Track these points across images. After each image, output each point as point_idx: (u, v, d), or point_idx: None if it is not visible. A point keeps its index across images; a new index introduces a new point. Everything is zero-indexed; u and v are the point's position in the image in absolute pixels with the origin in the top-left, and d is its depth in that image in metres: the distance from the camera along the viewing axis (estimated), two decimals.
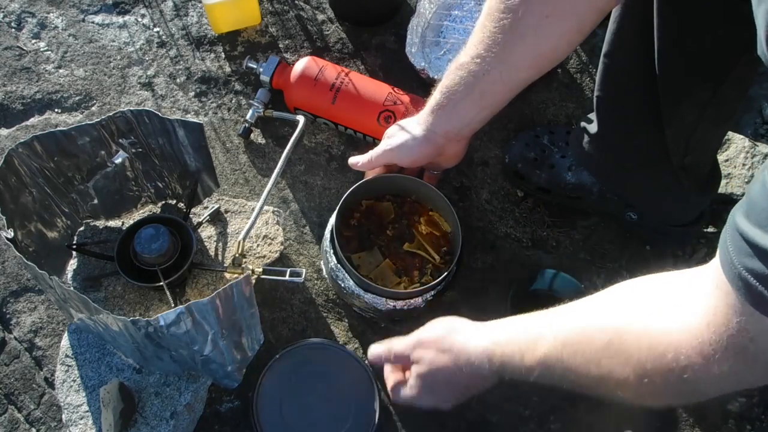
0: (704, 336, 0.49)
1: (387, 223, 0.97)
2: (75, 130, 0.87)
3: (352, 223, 0.96)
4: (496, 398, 0.95)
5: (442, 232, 0.96)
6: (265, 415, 0.88)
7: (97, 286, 0.94)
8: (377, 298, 0.88)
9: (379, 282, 0.91)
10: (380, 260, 0.93)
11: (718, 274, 0.48)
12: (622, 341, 0.57)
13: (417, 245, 0.95)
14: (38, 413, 0.92)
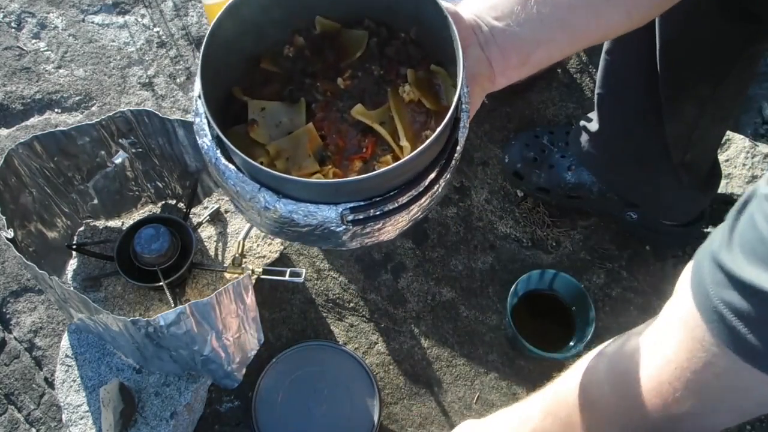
0: (663, 375, 0.47)
1: (345, 66, 0.59)
2: (75, 130, 0.87)
3: (285, 53, 0.59)
4: (496, 400, 0.95)
5: (437, 106, 0.56)
6: (265, 415, 0.88)
7: (97, 286, 0.94)
8: (258, 194, 0.50)
9: (281, 162, 0.55)
10: (300, 122, 0.56)
11: (686, 308, 0.45)
12: (593, 403, 0.56)
13: (380, 116, 0.56)
14: (38, 413, 0.92)
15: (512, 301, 0.93)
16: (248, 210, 0.54)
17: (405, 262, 1.03)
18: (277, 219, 0.51)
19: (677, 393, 0.45)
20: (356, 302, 1.00)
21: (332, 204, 0.49)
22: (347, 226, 0.50)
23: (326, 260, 1.03)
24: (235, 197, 0.53)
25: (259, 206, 0.50)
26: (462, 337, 0.99)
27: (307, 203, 0.49)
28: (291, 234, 0.53)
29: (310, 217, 0.50)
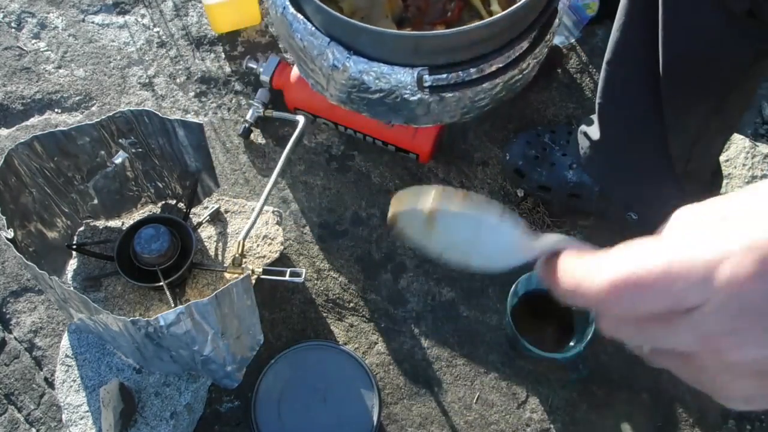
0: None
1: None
2: (75, 130, 0.87)
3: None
4: (496, 400, 0.95)
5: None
6: (264, 415, 0.88)
7: (97, 286, 0.94)
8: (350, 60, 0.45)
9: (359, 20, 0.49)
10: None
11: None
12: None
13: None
14: (38, 413, 0.92)
15: (512, 301, 0.93)
16: (314, 72, 0.50)
17: (405, 262, 1.03)
18: (346, 81, 0.46)
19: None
20: (356, 302, 1.00)
21: (409, 66, 0.44)
22: (423, 94, 0.45)
23: (326, 260, 1.03)
24: (301, 55, 0.48)
25: (327, 64, 0.46)
26: (462, 337, 0.99)
27: (381, 63, 0.44)
28: (359, 102, 0.49)
29: (383, 80, 0.45)
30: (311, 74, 0.51)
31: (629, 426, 0.95)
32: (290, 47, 0.50)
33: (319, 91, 0.53)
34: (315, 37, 0.45)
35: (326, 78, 0.48)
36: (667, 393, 0.97)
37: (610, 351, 0.99)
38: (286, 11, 0.46)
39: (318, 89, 0.53)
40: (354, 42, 0.44)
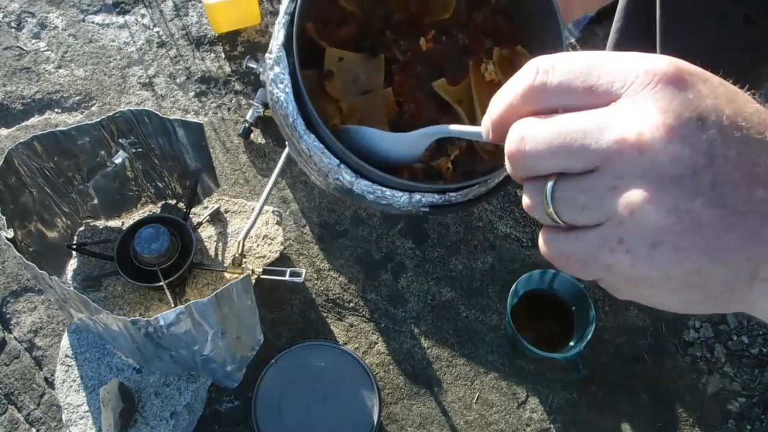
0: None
1: (429, 26, 0.55)
2: (75, 130, 0.87)
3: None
4: (496, 400, 0.95)
5: None
6: (264, 415, 0.88)
7: (97, 286, 0.94)
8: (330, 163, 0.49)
9: (353, 122, 0.53)
10: (378, 82, 0.53)
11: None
12: None
13: (460, 93, 0.52)
14: (38, 413, 0.92)
15: (512, 301, 0.93)
16: (313, 171, 0.53)
17: (405, 262, 1.03)
18: (346, 189, 0.52)
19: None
20: (356, 302, 1.00)
21: (407, 192, 0.50)
22: (414, 211, 0.51)
23: (326, 260, 1.03)
24: (304, 157, 0.51)
25: (333, 177, 0.51)
26: (462, 337, 0.99)
27: (384, 187, 0.50)
28: (351, 198, 0.54)
29: (381, 198, 0.51)
30: (309, 169, 0.54)
31: (629, 426, 0.95)
32: (293, 147, 0.53)
33: (310, 178, 0.57)
34: (325, 155, 0.49)
35: (325, 180, 0.53)
36: (667, 393, 0.97)
37: (610, 351, 0.99)
38: (296, 123, 0.49)
39: (311, 178, 0.57)
40: (361, 170, 0.49)
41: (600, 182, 0.26)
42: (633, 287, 0.28)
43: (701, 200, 0.25)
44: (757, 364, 0.99)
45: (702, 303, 0.28)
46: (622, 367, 0.98)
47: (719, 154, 0.24)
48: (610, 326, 1.01)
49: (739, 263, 0.26)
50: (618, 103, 0.26)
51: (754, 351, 1.00)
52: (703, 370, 0.99)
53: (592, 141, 0.26)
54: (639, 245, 0.26)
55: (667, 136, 0.24)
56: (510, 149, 0.28)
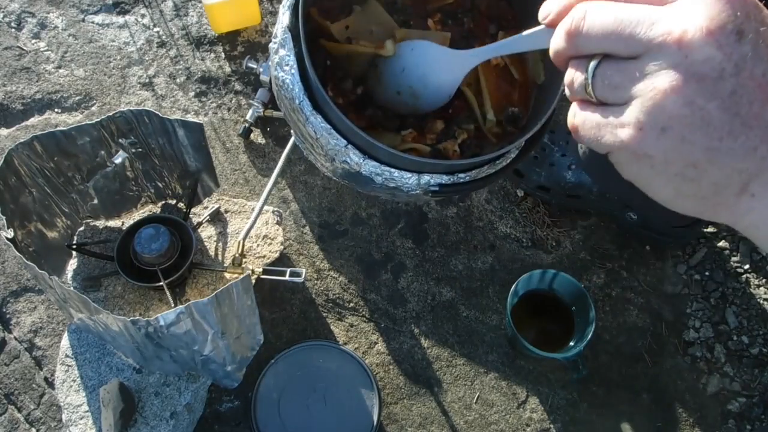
0: None
1: (435, 10, 0.57)
2: (75, 130, 0.87)
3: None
4: (496, 400, 0.95)
5: (522, 77, 0.55)
6: (264, 415, 0.88)
7: (97, 286, 0.94)
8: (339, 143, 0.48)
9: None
10: (393, 25, 0.55)
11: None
12: None
13: (468, 76, 0.51)
14: (38, 413, 0.92)
15: (512, 301, 0.93)
16: (320, 156, 0.52)
17: (405, 262, 1.03)
18: (353, 173, 0.51)
19: None
20: (356, 302, 1.00)
21: (416, 173, 0.49)
22: (422, 193, 0.50)
23: (326, 260, 1.03)
24: (310, 141, 0.51)
25: (340, 159, 0.50)
26: (462, 337, 0.99)
27: (392, 168, 0.49)
28: (358, 184, 0.53)
29: (389, 180, 0.50)
30: (315, 156, 0.54)
31: (629, 426, 0.95)
32: (299, 131, 0.52)
33: (316, 165, 0.56)
34: (332, 136, 0.48)
35: (331, 164, 0.51)
36: (667, 393, 0.97)
37: (610, 351, 0.99)
38: (303, 105, 0.48)
39: (317, 165, 0.56)
40: (372, 151, 0.49)
41: (637, 66, 0.29)
42: (635, 164, 0.31)
43: (717, 102, 0.27)
44: (757, 364, 0.99)
45: (692, 199, 0.31)
46: (622, 367, 0.98)
47: (747, 68, 0.27)
48: (610, 326, 1.01)
49: (732, 170, 0.28)
50: (676, 3, 0.28)
51: (754, 351, 1.00)
52: (703, 370, 0.99)
53: (642, 31, 0.28)
54: (651, 126, 0.29)
55: (706, 39, 0.27)
56: (569, 26, 0.31)
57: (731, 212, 0.30)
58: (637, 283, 1.04)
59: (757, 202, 0.29)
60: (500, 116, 0.55)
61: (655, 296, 1.03)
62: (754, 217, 0.30)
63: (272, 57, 0.51)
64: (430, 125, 0.55)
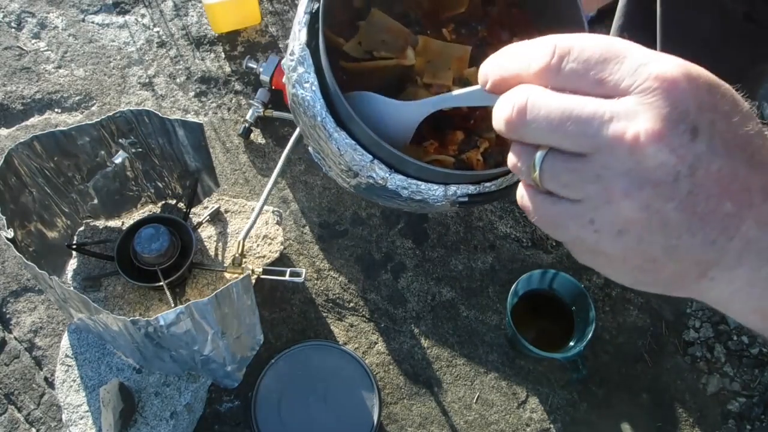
0: None
1: (448, 20, 0.58)
2: (75, 130, 0.87)
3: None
4: (496, 400, 0.95)
5: None
6: (264, 415, 0.88)
7: (97, 286, 0.94)
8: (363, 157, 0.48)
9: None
10: (404, 37, 0.54)
11: None
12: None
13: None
14: (38, 413, 0.92)
15: (512, 301, 0.93)
16: (342, 172, 0.52)
17: (405, 262, 1.03)
18: (379, 188, 0.50)
19: None
20: (356, 302, 1.00)
21: (442, 184, 0.49)
22: (449, 204, 0.50)
23: (326, 260, 1.03)
24: (332, 158, 0.51)
25: (365, 174, 0.49)
26: (462, 337, 0.99)
27: (419, 181, 0.49)
28: (382, 198, 0.53)
29: (416, 194, 0.49)
30: (337, 171, 0.53)
31: (629, 426, 0.95)
32: (319, 147, 0.52)
33: (334, 179, 0.55)
34: (357, 152, 0.48)
35: (354, 179, 0.51)
36: (667, 393, 0.97)
37: (610, 351, 0.99)
38: (325, 122, 0.48)
39: (337, 180, 0.55)
40: (399, 165, 0.48)
41: (587, 167, 0.28)
42: (592, 258, 0.30)
43: (674, 204, 0.27)
44: (757, 364, 0.99)
45: (651, 285, 0.30)
46: (622, 367, 0.98)
47: (702, 167, 0.26)
48: (610, 326, 1.01)
49: (692, 263, 0.28)
50: (624, 99, 0.27)
51: (754, 351, 1.00)
52: (703, 370, 0.99)
53: (591, 130, 0.27)
54: (607, 229, 0.28)
55: (658, 145, 0.26)
56: (509, 114, 0.29)
57: (691, 293, 0.30)
58: None
59: (716, 285, 0.29)
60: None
61: (655, 296, 1.03)
62: (714, 296, 0.30)
63: (289, 75, 0.50)
64: (450, 136, 0.55)
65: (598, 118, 0.27)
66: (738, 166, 0.26)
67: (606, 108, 0.27)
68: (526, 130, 0.29)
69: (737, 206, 0.27)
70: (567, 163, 0.28)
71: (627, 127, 0.26)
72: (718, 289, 0.29)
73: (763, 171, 0.27)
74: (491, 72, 0.32)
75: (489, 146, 0.55)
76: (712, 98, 0.27)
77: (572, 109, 0.27)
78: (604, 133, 0.27)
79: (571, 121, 0.27)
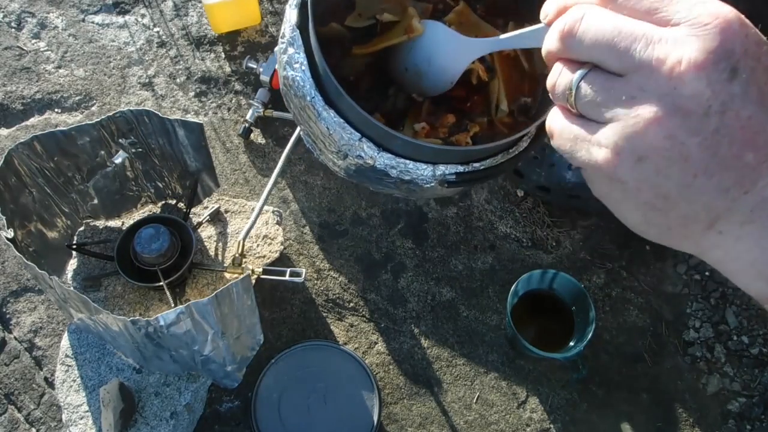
0: None
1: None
2: (75, 130, 0.87)
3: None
4: (496, 400, 0.95)
5: (530, 67, 0.55)
6: (264, 415, 0.88)
7: (97, 286, 0.94)
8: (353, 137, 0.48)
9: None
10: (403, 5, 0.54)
11: None
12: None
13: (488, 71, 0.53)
14: (38, 413, 0.92)
15: (512, 301, 0.93)
16: (331, 154, 0.52)
17: (405, 262, 1.03)
18: (367, 168, 0.50)
19: None
20: (356, 302, 1.00)
21: (431, 163, 0.49)
22: (438, 184, 0.50)
23: (326, 260, 1.03)
24: (321, 138, 0.51)
25: (354, 154, 0.49)
26: (462, 337, 0.99)
27: (407, 159, 0.49)
28: (371, 181, 0.52)
29: (404, 173, 0.49)
30: (327, 154, 0.53)
31: (629, 426, 0.95)
32: (309, 129, 0.52)
33: (325, 163, 0.55)
34: (345, 130, 0.48)
35: (342, 160, 0.50)
36: (667, 393, 0.97)
37: (610, 351, 0.99)
38: (314, 101, 0.48)
39: (328, 165, 0.55)
40: (387, 143, 0.48)
41: (624, 87, 0.28)
42: (607, 186, 0.30)
43: (698, 139, 0.27)
44: (757, 364, 0.99)
45: (659, 227, 0.30)
46: (622, 367, 0.98)
47: (734, 108, 0.26)
48: (610, 326, 1.01)
49: (702, 207, 0.28)
50: (677, 28, 0.27)
51: (754, 351, 1.00)
52: (703, 370, 0.99)
53: (638, 49, 0.27)
54: (628, 153, 0.28)
55: (697, 75, 0.26)
56: (563, 27, 0.30)
57: (697, 245, 0.30)
58: (637, 283, 1.04)
59: (723, 240, 0.29)
60: (512, 106, 0.55)
61: (655, 296, 1.03)
62: (719, 254, 0.30)
63: (280, 57, 0.50)
64: (441, 119, 0.55)
65: (648, 38, 0.27)
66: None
67: (657, 32, 0.28)
68: (575, 42, 0.29)
69: (759, 159, 0.27)
70: (606, 81, 0.29)
71: (672, 51, 0.27)
72: (724, 245, 0.29)
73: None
74: (552, 4, 0.32)
75: (479, 131, 0.55)
76: (758, 49, 0.27)
77: (624, 27, 0.28)
78: (649, 53, 0.27)
79: (621, 38, 0.28)
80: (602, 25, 0.29)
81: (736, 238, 0.29)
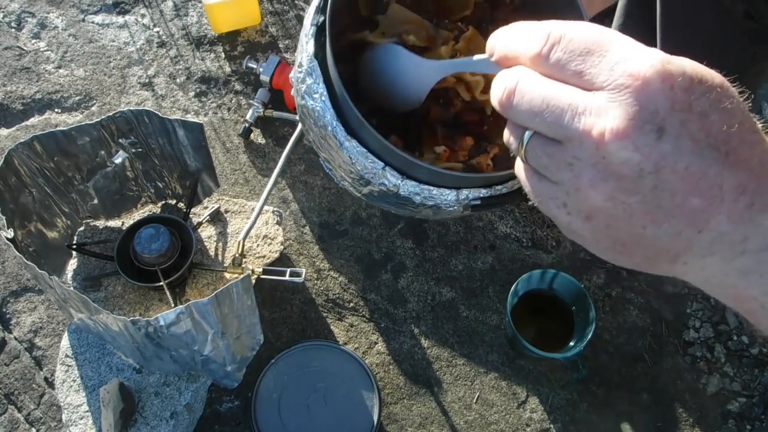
0: None
1: (456, 21, 0.58)
2: (75, 130, 0.87)
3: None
4: (496, 400, 0.95)
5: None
6: (264, 415, 0.88)
7: (97, 286, 0.94)
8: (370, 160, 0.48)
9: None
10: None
11: None
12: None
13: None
14: (38, 413, 0.92)
15: (512, 301, 0.93)
16: (354, 181, 0.52)
17: (405, 262, 1.03)
18: (391, 195, 0.50)
19: None
20: (356, 302, 1.00)
21: (454, 189, 0.50)
22: (461, 208, 0.50)
23: (326, 260, 1.03)
24: (345, 168, 0.51)
25: (377, 182, 0.49)
26: (462, 337, 0.99)
27: (430, 186, 0.49)
28: (394, 206, 0.53)
29: (429, 199, 0.50)
30: (348, 180, 0.53)
31: (629, 426, 0.95)
32: (330, 156, 0.52)
33: (346, 188, 0.56)
34: (368, 160, 0.48)
35: (366, 187, 0.51)
36: (667, 393, 0.97)
37: (610, 351, 0.99)
38: (336, 131, 0.48)
39: (348, 189, 0.56)
40: (411, 171, 0.49)
41: (561, 155, 0.29)
42: (570, 234, 0.32)
43: (638, 198, 0.28)
44: (757, 364, 0.99)
45: (629, 264, 0.32)
46: (622, 367, 0.98)
47: (668, 165, 0.27)
48: (610, 326, 1.01)
49: (660, 249, 0.30)
50: (599, 94, 0.28)
51: (754, 351, 1.00)
52: (703, 370, 0.99)
53: (565, 121, 0.29)
54: (577, 213, 0.30)
55: (623, 143, 0.27)
56: (501, 96, 0.32)
57: (669, 272, 0.31)
58: (637, 283, 1.04)
59: (690, 269, 0.30)
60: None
61: (655, 296, 1.03)
62: (690, 277, 0.31)
63: (298, 86, 0.51)
64: (460, 142, 0.56)
65: (572, 110, 0.28)
66: (709, 164, 0.27)
67: (580, 101, 0.28)
68: (514, 113, 0.31)
69: (706, 202, 0.27)
70: (546, 147, 0.30)
71: (595, 122, 0.28)
72: (692, 272, 0.31)
73: (738, 169, 0.27)
74: (497, 47, 0.33)
75: (499, 152, 0.56)
76: (687, 97, 0.27)
77: (552, 99, 0.29)
78: (575, 125, 0.28)
79: (549, 110, 0.29)
80: (532, 96, 0.30)
81: (700, 268, 0.30)
